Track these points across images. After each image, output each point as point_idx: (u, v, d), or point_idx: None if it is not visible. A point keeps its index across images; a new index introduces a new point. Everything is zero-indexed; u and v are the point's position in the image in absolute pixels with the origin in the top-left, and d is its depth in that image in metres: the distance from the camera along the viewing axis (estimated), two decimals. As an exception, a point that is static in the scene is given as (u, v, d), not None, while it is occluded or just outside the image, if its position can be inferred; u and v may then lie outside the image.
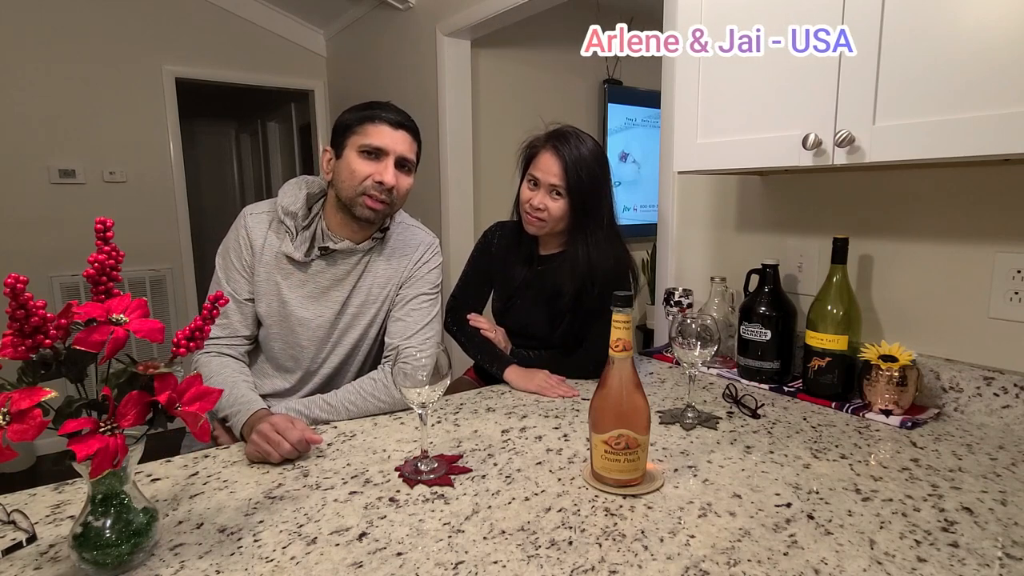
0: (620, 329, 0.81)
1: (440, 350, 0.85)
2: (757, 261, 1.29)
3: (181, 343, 0.65)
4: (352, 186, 1.15)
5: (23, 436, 0.54)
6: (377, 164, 1.15)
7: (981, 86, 0.80)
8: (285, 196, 1.21)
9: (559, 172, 1.27)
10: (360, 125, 1.15)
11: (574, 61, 3.20)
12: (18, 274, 0.54)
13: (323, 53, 3.74)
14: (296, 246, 1.18)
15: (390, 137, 1.15)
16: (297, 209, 1.19)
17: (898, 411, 1.07)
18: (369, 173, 1.14)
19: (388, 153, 1.15)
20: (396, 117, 1.17)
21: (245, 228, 1.20)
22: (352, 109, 1.19)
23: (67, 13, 2.98)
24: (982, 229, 1.08)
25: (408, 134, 1.18)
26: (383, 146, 1.14)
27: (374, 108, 1.17)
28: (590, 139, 1.32)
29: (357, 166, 1.14)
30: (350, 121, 1.17)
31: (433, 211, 2.85)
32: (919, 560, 0.65)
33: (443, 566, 0.65)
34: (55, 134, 3.01)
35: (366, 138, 1.14)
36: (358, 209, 1.16)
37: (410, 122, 1.20)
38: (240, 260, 1.19)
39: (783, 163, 1.03)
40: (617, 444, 0.80)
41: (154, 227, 3.28)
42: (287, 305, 1.19)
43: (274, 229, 1.20)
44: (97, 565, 0.63)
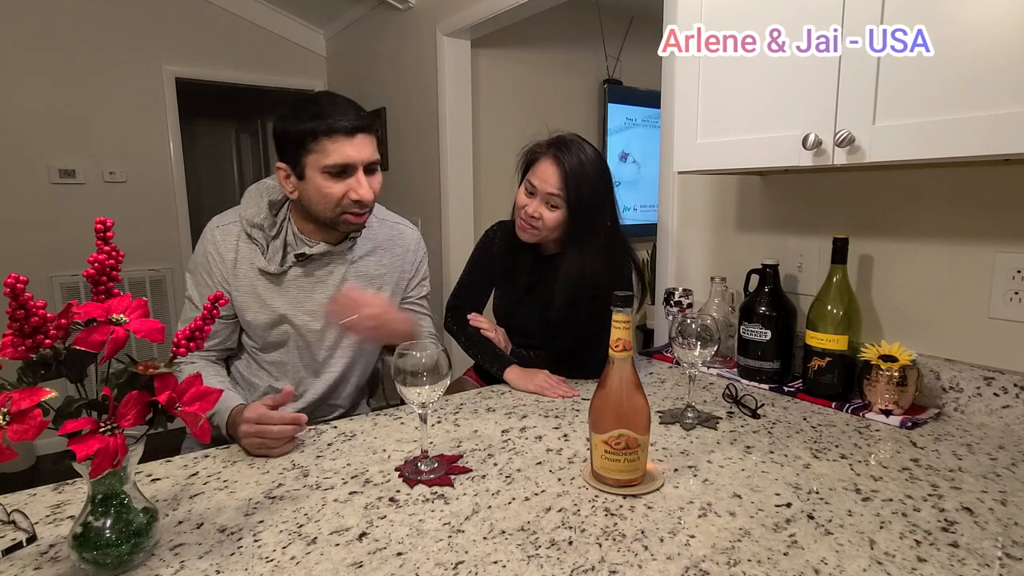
0: (620, 329, 0.81)
1: (440, 350, 0.85)
2: (757, 261, 1.29)
3: (181, 343, 0.65)
4: (328, 208, 1.10)
5: (23, 436, 0.54)
6: (348, 180, 1.08)
7: (981, 86, 0.80)
8: (248, 207, 1.17)
9: (557, 182, 1.23)
10: (315, 142, 1.05)
11: (574, 61, 3.20)
12: (18, 274, 0.54)
13: (323, 53, 3.74)
14: (269, 259, 1.15)
15: (352, 148, 1.06)
16: (262, 220, 1.15)
17: (898, 411, 1.07)
18: (343, 193, 1.08)
19: (356, 166, 1.08)
20: (349, 122, 1.06)
21: (214, 243, 1.16)
22: (295, 116, 1.07)
23: (67, 13, 2.98)
24: (982, 229, 1.08)
25: (366, 134, 1.09)
26: (348, 162, 1.07)
27: (323, 118, 1.05)
28: (592, 149, 1.28)
29: (328, 189, 1.08)
30: (300, 136, 1.06)
31: (433, 211, 2.86)
32: (919, 560, 0.65)
33: (443, 566, 0.65)
34: (55, 134, 3.01)
35: (327, 157, 1.05)
36: (342, 227, 1.14)
37: (362, 119, 1.09)
38: (211, 277, 1.16)
39: (783, 163, 1.03)
40: (617, 444, 0.80)
41: (154, 227, 3.28)
42: (277, 311, 1.17)
43: (244, 241, 1.16)
44: (97, 565, 0.63)
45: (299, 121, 1.06)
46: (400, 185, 3.13)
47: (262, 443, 0.93)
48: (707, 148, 1.16)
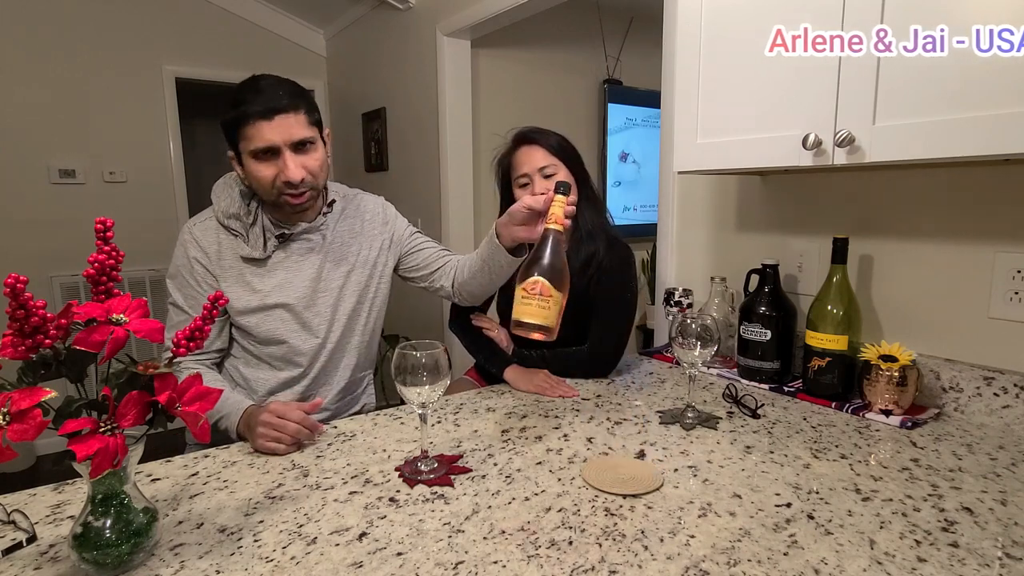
0: (557, 206, 0.93)
1: (440, 350, 0.85)
2: (757, 261, 1.29)
3: (181, 343, 0.65)
4: (266, 191, 1.12)
5: (23, 436, 0.54)
6: (276, 162, 1.10)
7: (981, 86, 0.80)
8: (220, 200, 1.18)
9: (543, 153, 1.32)
10: (239, 128, 1.09)
11: (574, 61, 3.20)
12: (18, 274, 0.54)
13: (323, 53, 3.74)
14: (252, 245, 1.16)
15: (270, 131, 1.07)
16: (237, 209, 1.17)
17: (898, 411, 1.07)
18: (273, 175, 1.10)
19: (279, 147, 1.08)
20: (264, 104, 1.07)
21: (195, 241, 1.16)
22: (228, 105, 1.11)
23: (67, 13, 2.98)
24: (982, 229, 1.08)
25: (287, 113, 1.08)
26: (269, 145, 1.08)
27: (241, 105, 1.08)
28: None
29: (259, 173, 1.10)
30: (227, 124, 1.11)
31: (433, 211, 2.86)
32: (919, 560, 0.65)
33: (443, 566, 0.65)
34: (55, 134, 3.01)
35: (250, 143, 1.08)
36: (285, 208, 1.15)
37: (281, 99, 1.08)
38: (194, 276, 1.16)
39: (783, 163, 1.03)
40: (532, 289, 0.88)
41: (154, 227, 3.27)
42: (267, 295, 1.17)
43: (224, 233, 1.17)
44: (97, 565, 0.63)
45: (228, 110, 1.10)
46: (400, 185, 3.13)
47: (276, 437, 0.95)
48: (707, 148, 1.16)
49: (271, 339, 1.20)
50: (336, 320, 1.24)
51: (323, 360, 1.24)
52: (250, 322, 1.18)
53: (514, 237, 1.08)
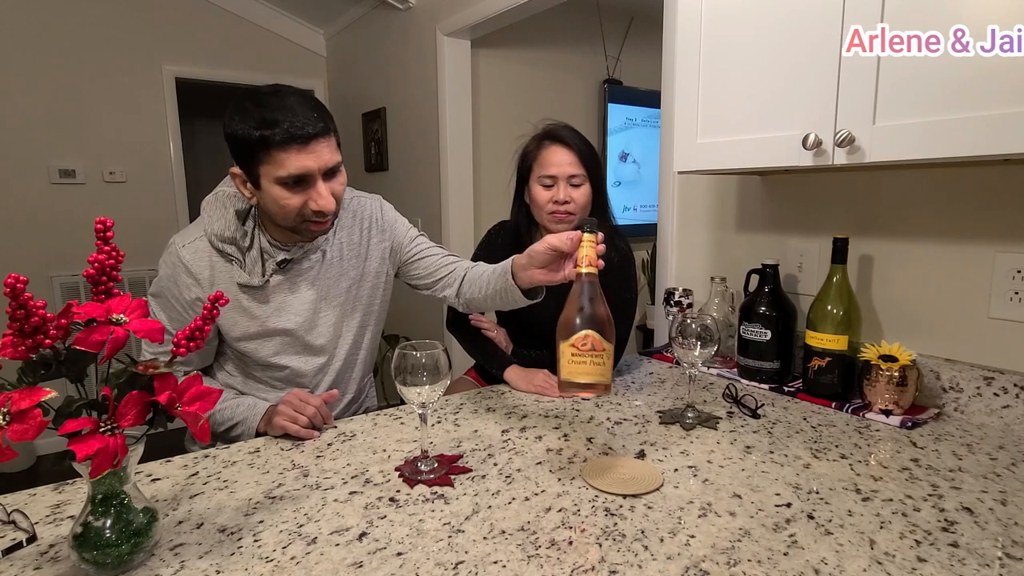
0: (587, 247, 0.85)
1: (440, 350, 0.85)
2: (757, 261, 1.29)
3: (181, 343, 0.65)
4: (289, 218, 1.02)
5: (23, 436, 0.54)
6: (308, 191, 1.00)
7: (981, 86, 0.80)
8: (214, 222, 1.08)
9: (575, 160, 1.31)
10: (265, 152, 0.96)
11: (574, 61, 3.20)
12: (18, 274, 0.54)
13: (323, 53, 3.74)
14: (250, 271, 1.09)
15: (307, 158, 0.97)
16: (233, 233, 1.07)
17: (898, 411, 1.07)
18: (301, 203, 1.00)
19: (314, 175, 0.99)
20: (299, 128, 0.95)
21: (183, 265, 1.07)
22: (243, 119, 0.96)
23: (67, 13, 2.98)
24: (982, 229, 1.08)
25: (322, 139, 0.99)
26: (304, 173, 0.98)
27: (273, 126, 0.94)
28: None
29: (286, 201, 1.00)
30: (251, 144, 0.96)
31: (433, 211, 2.86)
32: (919, 560, 0.65)
33: (443, 566, 0.65)
34: (55, 134, 3.01)
35: (280, 169, 0.96)
36: (305, 235, 1.08)
37: (316, 122, 0.98)
38: (180, 302, 1.08)
39: (783, 163, 1.03)
40: (584, 345, 0.80)
41: (154, 227, 3.28)
42: (266, 321, 1.12)
43: (217, 257, 1.08)
44: (97, 565, 0.63)
45: (247, 126, 0.96)
46: (400, 185, 3.13)
47: (293, 416, 1.01)
48: (707, 148, 1.16)
49: (272, 364, 1.15)
50: (342, 338, 1.22)
51: (330, 377, 1.22)
52: (248, 347, 1.13)
53: (533, 280, 0.99)
